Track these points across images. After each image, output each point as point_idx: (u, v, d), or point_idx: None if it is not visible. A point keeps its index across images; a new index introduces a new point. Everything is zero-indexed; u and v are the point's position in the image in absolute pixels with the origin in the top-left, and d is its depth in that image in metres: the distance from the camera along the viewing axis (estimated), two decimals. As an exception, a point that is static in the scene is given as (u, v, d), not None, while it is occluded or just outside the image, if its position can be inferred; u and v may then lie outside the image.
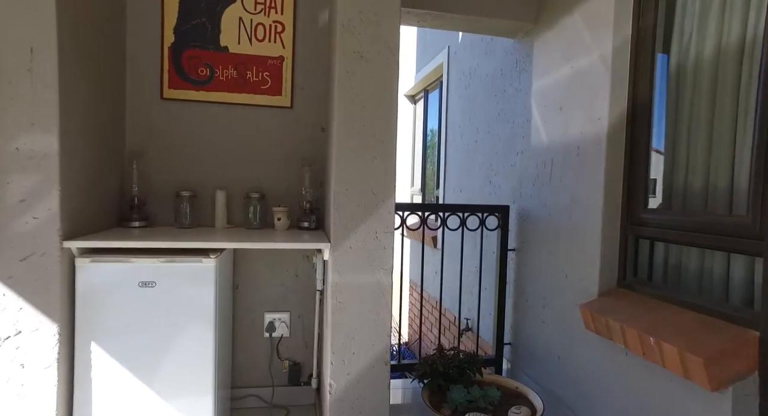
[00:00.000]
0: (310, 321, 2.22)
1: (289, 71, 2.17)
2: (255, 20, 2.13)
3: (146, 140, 2.06)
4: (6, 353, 1.47)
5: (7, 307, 1.47)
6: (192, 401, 1.68)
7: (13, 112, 1.45)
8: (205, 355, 1.68)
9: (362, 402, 1.74)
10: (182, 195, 2.00)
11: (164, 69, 2.07)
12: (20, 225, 1.47)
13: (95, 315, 1.59)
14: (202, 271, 1.67)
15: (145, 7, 2.03)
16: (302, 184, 2.13)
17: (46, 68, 1.46)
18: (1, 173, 1.45)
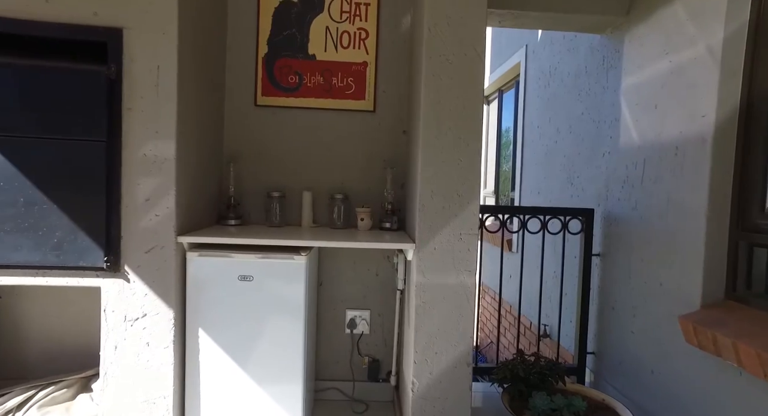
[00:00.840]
0: (389, 320, 2.27)
1: (372, 76, 2.25)
2: (341, 28, 2.23)
3: (241, 144, 2.23)
4: (135, 332, 1.67)
5: (136, 292, 1.67)
6: (283, 388, 1.79)
7: (142, 122, 1.64)
8: (296, 346, 1.79)
9: (443, 402, 1.76)
10: (273, 195, 2.14)
11: (258, 78, 2.23)
12: (146, 222, 1.67)
13: (202, 304, 1.76)
14: (294, 268, 1.78)
15: (243, 22, 2.20)
16: (384, 186, 2.19)
17: (168, 83, 1.64)
18: (132, 176, 1.65)
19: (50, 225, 1.60)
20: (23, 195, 1.58)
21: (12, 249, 1.59)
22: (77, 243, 1.62)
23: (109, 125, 1.63)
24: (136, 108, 1.65)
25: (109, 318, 1.68)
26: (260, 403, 1.78)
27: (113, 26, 1.62)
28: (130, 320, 1.68)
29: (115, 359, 1.69)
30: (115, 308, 1.68)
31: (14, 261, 1.60)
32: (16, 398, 1.87)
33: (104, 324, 1.68)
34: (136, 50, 1.63)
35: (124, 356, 1.69)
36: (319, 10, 2.21)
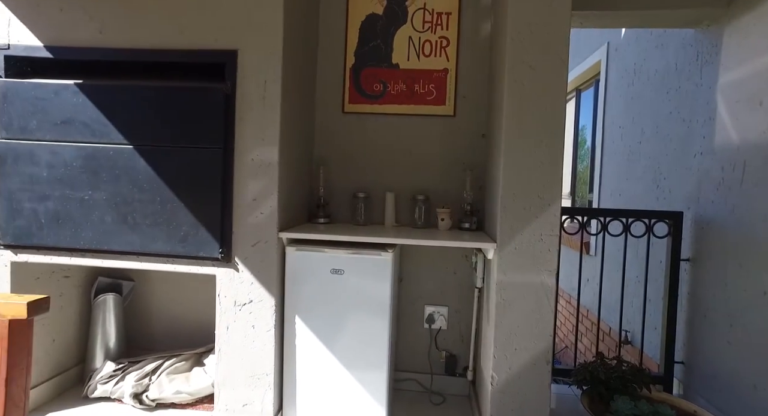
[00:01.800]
0: (466, 317, 2.35)
1: (453, 82, 2.34)
2: (423, 38, 2.34)
3: (329, 149, 2.43)
4: (244, 316, 1.91)
5: (244, 281, 1.90)
6: (369, 374, 1.94)
7: (251, 131, 1.87)
8: (381, 336, 1.93)
9: (522, 398, 1.81)
10: (358, 196, 2.31)
11: (346, 87, 2.41)
12: (252, 219, 1.90)
13: (298, 294, 1.96)
14: (381, 263, 1.92)
15: (332, 37, 2.39)
16: (463, 187, 2.27)
17: (273, 96, 1.86)
18: (242, 178, 1.89)
19: (179, 221, 1.88)
20: (159, 195, 1.87)
21: (151, 240, 1.89)
22: (198, 237, 1.88)
23: (224, 134, 1.87)
24: (247, 118, 1.88)
25: (222, 302, 1.93)
26: (348, 386, 1.95)
27: (230, 49, 1.86)
28: (239, 305, 1.92)
29: (227, 338, 1.93)
30: (227, 294, 1.92)
31: (152, 250, 1.90)
32: (150, 365, 2.20)
33: (218, 308, 1.94)
34: (248, 68, 1.86)
35: (234, 336, 1.93)
36: (403, 21, 2.35)
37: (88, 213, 1.92)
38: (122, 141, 1.89)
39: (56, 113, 1.90)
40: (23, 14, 1.91)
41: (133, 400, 2.10)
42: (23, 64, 1.93)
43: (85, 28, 1.90)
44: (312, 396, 1.96)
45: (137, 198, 1.90)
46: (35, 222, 1.94)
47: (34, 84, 1.90)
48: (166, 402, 2.13)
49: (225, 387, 1.94)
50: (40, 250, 1.97)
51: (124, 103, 1.91)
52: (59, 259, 1.98)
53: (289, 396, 1.97)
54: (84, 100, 1.89)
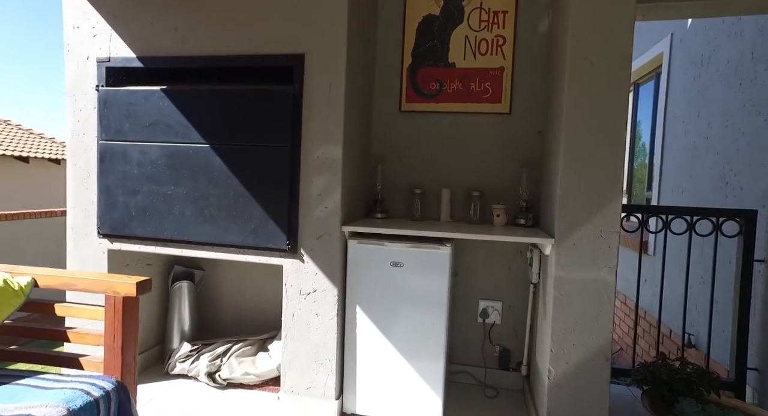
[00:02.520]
0: (520, 312, 2.37)
1: (509, 80, 2.36)
2: (479, 37, 2.38)
3: (387, 147, 2.51)
4: (308, 304, 2.04)
5: (309, 271, 2.03)
6: (426, 364, 2.01)
7: (317, 130, 1.99)
8: (438, 328, 1.99)
9: (580, 393, 1.82)
10: (415, 192, 2.38)
11: (403, 86, 2.49)
12: (317, 213, 2.02)
13: (358, 285, 2.06)
14: (439, 257, 1.98)
15: (390, 38, 2.47)
16: (518, 184, 2.29)
17: (337, 97, 1.97)
18: (308, 175, 2.01)
19: (250, 214, 2.03)
20: (232, 190, 2.04)
21: (225, 231, 2.06)
22: (267, 229, 2.03)
23: (292, 133, 2.00)
24: (312, 118, 2.00)
25: (288, 291, 2.07)
26: (405, 375, 2.02)
27: (298, 53, 1.99)
28: (304, 294, 2.05)
29: (293, 324, 2.07)
30: (293, 283, 2.06)
31: (226, 241, 2.07)
32: (220, 347, 2.39)
33: (285, 296, 2.08)
34: (314, 71, 1.98)
35: (299, 323, 2.06)
36: (459, 20, 2.39)
37: (170, 206, 2.12)
38: (200, 140, 2.07)
39: (145, 116, 2.11)
40: (121, 30, 2.13)
41: (207, 378, 2.29)
42: (120, 73, 2.15)
43: (170, 39, 2.10)
44: (371, 382, 2.06)
45: (213, 193, 2.07)
46: (127, 215, 2.16)
47: (128, 91, 2.12)
48: (235, 382, 2.31)
49: (290, 370, 2.08)
50: (131, 239, 2.19)
51: (201, 105, 2.08)
52: (146, 248, 2.19)
53: (350, 381, 2.08)
54: (168, 104, 2.09)
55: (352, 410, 2.08)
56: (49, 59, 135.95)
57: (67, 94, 2.23)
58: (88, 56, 2.18)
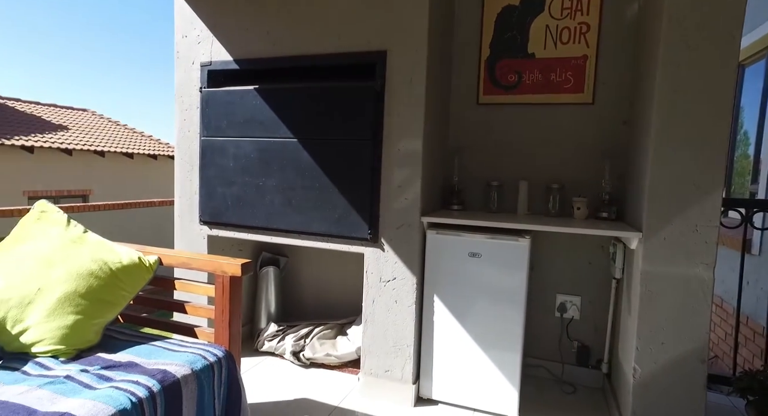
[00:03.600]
0: (601, 308, 2.29)
1: (592, 68, 2.28)
2: (560, 25, 2.32)
3: (464, 139, 2.53)
4: (388, 291, 2.13)
5: (389, 260, 2.12)
6: (502, 355, 2.03)
7: (398, 123, 2.07)
8: (516, 320, 2.00)
9: (670, 395, 1.74)
10: (492, 184, 2.38)
11: (480, 78, 2.49)
12: (397, 204, 2.10)
13: (436, 274, 2.11)
14: (518, 249, 1.99)
15: (467, 30, 2.48)
16: (601, 176, 2.21)
17: (418, 92, 2.02)
18: (388, 167, 2.09)
19: (334, 204, 2.16)
20: (318, 181, 2.17)
21: (311, 220, 2.20)
22: (350, 219, 2.14)
23: (374, 127, 2.09)
24: (394, 112, 2.08)
25: (369, 278, 2.17)
26: (481, 364, 2.05)
27: (381, 50, 2.07)
28: (384, 281, 2.14)
29: (373, 310, 2.17)
30: (374, 271, 2.16)
31: (312, 230, 2.21)
32: (303, 329, 2.57)
33: (366, 283, 2.18)
34: (396, 67, 2.05)
35: (379, 309, 2.16)
36: (540, 9, 2.35)
37: (261, 197, 2.30)
38: (289, 135, 2.23)
39: (240, 114, 2.31)
40: (221, 37, 2.35)
41: (292, 357, 2.47)
42: (219, 75, 2.37)
43: (263, 42, 2.27)
44: (447, 369, 2.11)
45: (300, 184, 2.22)
46: (224, 204, 2.38)
47: (226, 91, 2.33)
48: (317, 362, 2.47)
49: (370, 354, 2.19)
50: (227, 227, 2.41)
51: (290, 102, 2.24)
52: (239, 235, 2.40)
53: (426, 367, 2.14)
54: (261, 102, 2.27)
55: (428, 395, 2.15)
56: (147, 68, 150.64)
57: (176, 95, 2.49)
58: (193, 61, 2.42)
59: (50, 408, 1.12)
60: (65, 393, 1.19)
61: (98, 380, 1.27)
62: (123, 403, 1.16)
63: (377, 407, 2.11)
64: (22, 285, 1.44)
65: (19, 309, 1.41)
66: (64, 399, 1.15)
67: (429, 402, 2.15)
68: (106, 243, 1.65)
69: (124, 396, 1.18)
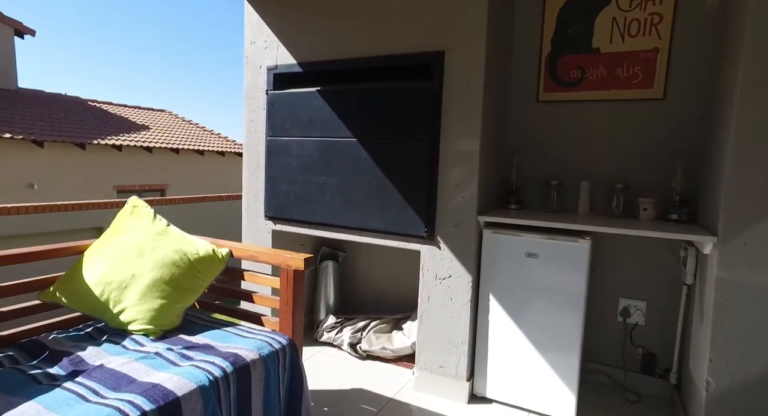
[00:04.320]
0: (668, 315, 2.18)
1: (664, 62, 2.15)
2: (629, 17, 2.21)
3: (522, 137, 2.49)
4: (443, 289, 2.17)
5: (445, 257, 2.15)
6: (559, 357, 1.99)
7: (455, 123, 2.08)
8: (574, 322, 1.95)
9: (750, 413, 1.63)
10: (551, 184, 2.33)
11: (541, 75, 2.43)
12: (454, 202, 2.12)
13: (492, 273, 2.11)
14: (578, 250, 1.94)
15: (527, 27, 2.43)
16: (670, 176, 2.09)
17: (476, 91, 2.02)
18: (445, 166, 2.12)
19: (391, 202, 2.22)
20: (376, 179, 2.24)
21: (369, 217, 2.28)
22: (407, 217, 2.19)
23: (431, 127, 2.12)
24: (451, 112, 2.09)
25: (425, 275, 2.22)
26: (537, 366, 2.03)
27: (438, 50, 2.09)
28: (440, 279, 2.18)
29: (428, 307, 2.21)
30: (430, 268, 2.20)
31: (370, 226, 2.29)
32: (360, 322, 2.66)
33: (421, 280, 2.23)
34: (454, 67, 2.07)
35: (434, 306, 2.20)
36: (606, 1, 2.25)
37: (322, 194, 2.41)
38: (349, 135, 2.31)
39: (303, 114, 2.43)
40: (286, 41, 2.48)
41: (349, 348, 2.57)
42: (284, 78, 2.51)
43: (325, 45, 2.37)
44: (501, 368, 2.11)
45: (359, 182, 2.30)
46: (287, 201, 2.52)
47: (290, 93, 2.47)
48: (373, 355, 2.55)
49: (425, 349, 2.24)
50: (290, 222, 2.55)
51: (350, 103, 2.32)
52: (302, 230, 2.53)
53: (481, 366, 2.15)
54: (322, 103, 2.37)
55: (482, 393, 2.16)
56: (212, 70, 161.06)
57: (245, 97, 2.67)
58: (260, 65, 2.58)
59: (146, 378, 1.27)
60: (156, 367, 1.34)
61: (181, 358, 1.42)
62: (202, 380, 1.30)
63: (431, 402, 2.15)
64: (120, 271, 1.63)
65: (118, 291, 1.60)
66: (155, 372, 1.31)
67: (483, 400, 2.16)
68: (185, 236, 1.82)
69: (203, 375, 1.32)
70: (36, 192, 8.08)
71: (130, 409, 1.12)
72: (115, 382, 1.26)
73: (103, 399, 1.17)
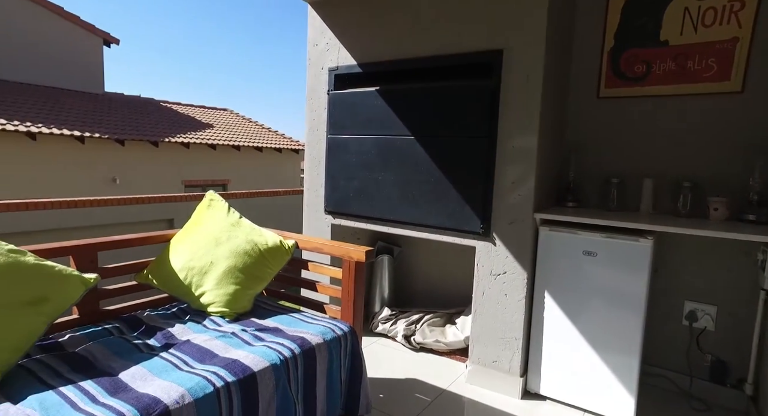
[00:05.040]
0: (744, 321, 2.06)
1: (744, 52, 2.03)
2: (703, 6, 2.10)
3: (581, 134, 2.44)
4: (498, 285, 2.19)
5: (500, 254, 2.17)
6: (617, 358, 1.95)
7: (512, 121, 2.09)
8: (634, 324, 1.91)
9: (827, 424, 1.53)
10: (611, 181, 2.27)
11: (602, 71, 2.37)
12: (510, 200, 2.13)
13: (548, 270, 2.10)
14: (639, 250, 1.89)
15: (588, 22, 2.37)
16: (746, 174, 1.98)
17: (534, 89, 2.02)
18: (502, 164, 2.13)
19: (448, 198, 2.26)
20: (433, 176, 2.30)
21: (425, 213, 2.34)
22: (463, 213, 2.23)
23: (488, 125, 2.14)
24: (509, 110, 2.10)
25: (479, 271, 2.25)
26: (593, 364, 2.00)
27: (497, 49, 2.10)
28: (494, 275, 2.20)
29: (482, 302, 2.24)
30: (484, 264, 2.22)
31: (426, 222, 2.35)
32: (414, 315, 2.74)
33: (476, 276, 2.26)
34: (512, 65, 2.07)
35: (488, 301, 2.22)
36: (678, -9, 2.15)
37: (380, 190, 2.50)
38: (406, 133, 2.38)
39: (363, 113, 2.53)
40: (347, 43, 2.59)
41: (403, 340, 2.65)
42: (344, 79, 2.62)
43: (385, 47, 2.45)
44: (556, 366, 2.10)
45: (415, 179, 2.37)
46: (346, 196, 2.64)
47: (350, 93, 2.57)
48: (426, 347, 2.61)
49: (478, 343, 2.27)
50: (349, 217, 2.67)
51: (407, 101, 2.38)
52: (359, 224, 2.64)
53: (535, 362, 2.16)
54: (381, 102, 2.45)
55: (535, 390, 2.16)
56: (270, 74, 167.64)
57: (307, 98, 2.81)
58: (322, 67, 2.71)
59: (225, 354, 1.42)
60: (233, 346, 1.49)
61: (254, 339, 1.56)
62: (274, 359, 1.43)
63: (484, 395, 2.18)
64: (200, 258, 1.81)
65: (199, 276, 1.78)
66: (233, 350, 1.46)
67: (536, 397, 2.17)
68: (255, 228, 1.97)
69: (275, 354, 1.45)
70: (118, 186, 8.87)
71: (215, 379, 1.27)
72: (200, 355, 1.42)
73: (192, 369, 1.33)
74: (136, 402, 1.14)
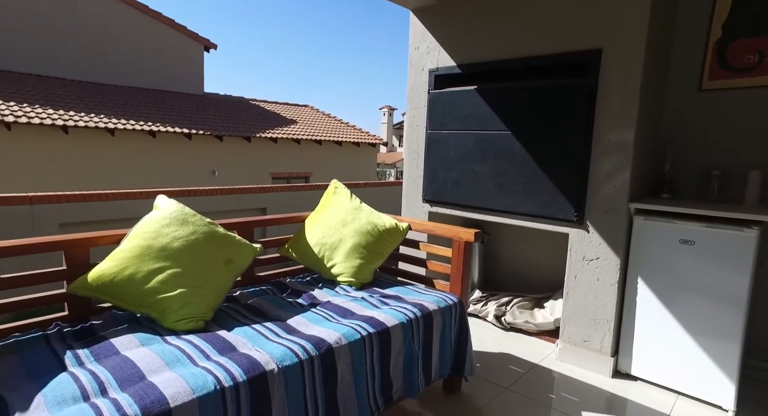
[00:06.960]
0: None
1: None
2: (820, -5, 2.06)
3: (678, 127, 2.47)
4: (590, 269, 2.34)
5: (593, 241, 2.31)
6: (716, 344, 2.02)
7: (609, 117, 2.21)
8: (735, 311, 1.97)
9: None
10: (712, 174, 2.30)
11: (706, 63, 2.39)
12: (605, 190, 2.26)
13: (642, 257, 2.21)
14: (742, 239, 1.94)
15: (692, 14, 2.39)
16: None
17: (633, 86, 2.13)
18: (597, 156, 2.26)
19: (543, 188, 2.44)
20: (529, 168, 2.48)
21: (520, 203, 2.54)
22: (558, 202, 2.39)
23: (584, 121, 2.28)
24: (605, 107, 2.22)
25: (572, 256, 2.40)
26: (689, 349, 2.09)
27: (595, 48, 2.23)
28: (587, 260, 2.34)
29: (574, 285, 2.40)
30: (577, 250, 2.38)
31: (521, 210, 2.55)
32: (504, 298, 2.95)
33: (569, 260, 2.42)
34: (610, 64, 2.19)
35: (580, 284, 2.37)
36: (792, -19, 2.13)
37: (477, 181, 2.73)
38: (503, 128, 2.58)
39: (461, 111, 2.76)
40: (447, 46, 2.83)
41: (494, 320, 2.87)
42: (443, 79, 2.87)
43: (484, 48, 2.66)
44: (648, 348, 2.21)
45: (511, 170, 2.56)
46: (443, 186, 2.90)
47: (449, 92, 2.82)
48: (516, 327, 2.81)
49: (570, 323, 2.43)
50: (446, 205, 2.93)
51: (505, 99, 2.58)
52: (456, 212, 2.89)
53: (626, 343, 2.28)
54: (479, 100, 2.67)
55: (626, 370, 2.29)
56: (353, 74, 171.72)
57: (407, 97, 3.10)
58: (422, 68, 2.97)
59: (361, 312, 1.76)
60: (366, 307, 1.82)
61: (381, 303, 1.88)
62: (401, 319, 1.73)
63: (575, 371, 2.35)
64: (331, 236, 2.17)
65: (330, 251, 2.14)
66: (367, 310, 1.78)
67: (627, 377, 2.29)
68: (374, 212, 2.29)
69: (402, 315, 1.75)
70: (217, 178, 9.88)
71: (361, 329, 1.60)
72: (342, 313, 1.77)
73: (339, 322, 1.67)
74: (309, 339, 1.50)
